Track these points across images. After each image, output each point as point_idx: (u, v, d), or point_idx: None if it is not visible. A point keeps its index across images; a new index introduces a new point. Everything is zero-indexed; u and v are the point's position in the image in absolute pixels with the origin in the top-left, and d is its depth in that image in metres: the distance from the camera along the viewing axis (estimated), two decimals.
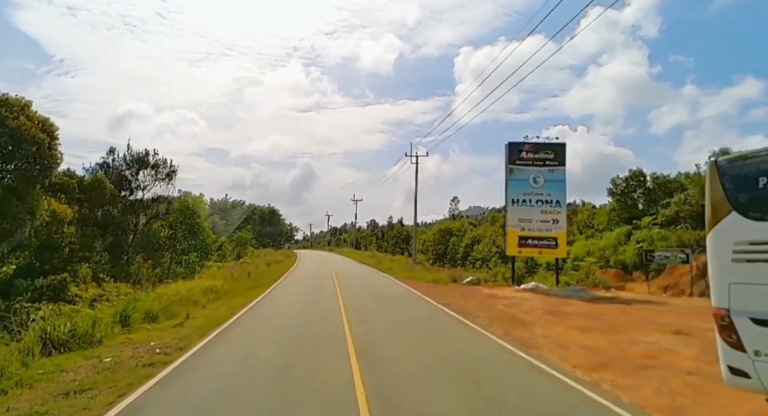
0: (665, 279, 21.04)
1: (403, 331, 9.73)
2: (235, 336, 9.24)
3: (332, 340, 8.61)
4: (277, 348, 8.03)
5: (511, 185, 21.23)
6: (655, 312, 12.95)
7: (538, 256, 22.31)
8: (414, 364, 6.98)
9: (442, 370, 6.69)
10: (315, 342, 8.54)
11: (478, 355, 7.77)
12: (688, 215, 24.00)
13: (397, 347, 8.13)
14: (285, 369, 6.71)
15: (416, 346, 8.22)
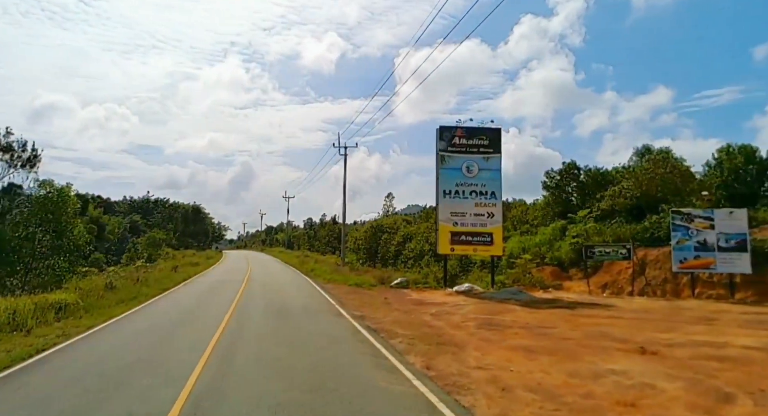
0: (603, 277, 19.63)
1: (282, 374, 6.72)
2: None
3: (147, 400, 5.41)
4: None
5: (443, 175, 18.88)
6: (604, 319, 10.93)
7: (473, 254, 20.15)
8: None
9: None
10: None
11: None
12: (623, 209, 22.99)
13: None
14: None
15: (284, 404, 5.24)
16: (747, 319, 10.50)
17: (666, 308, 12.46)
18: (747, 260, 14.16)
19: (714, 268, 14.63)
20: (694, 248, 14.87)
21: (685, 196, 20.87)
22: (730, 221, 14.50)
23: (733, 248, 14.35)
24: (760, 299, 14.37)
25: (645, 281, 17.57)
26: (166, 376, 6.24)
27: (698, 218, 14.94)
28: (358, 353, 7.62)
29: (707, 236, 14.74)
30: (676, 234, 15.23)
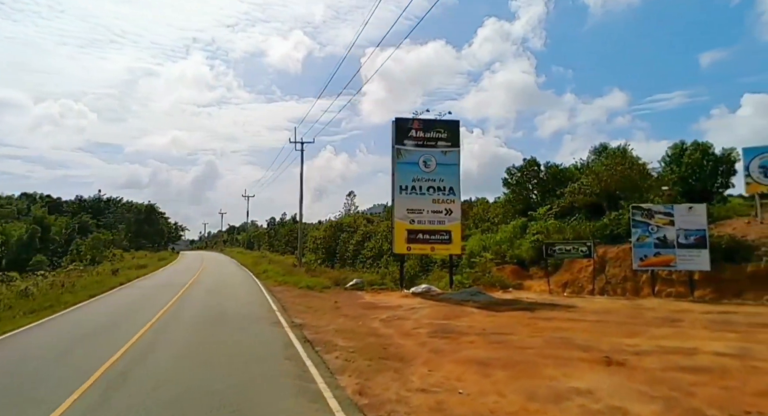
0: (563, 275, 19.10)
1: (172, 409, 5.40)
2: None
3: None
4: None
5: (399, 170, 17.81)
6: (565, 323, 10.12)
7: (431, 253, 19.19)
8: None
9: None
10: None
11: None
12: (582, 205, 22.67)
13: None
14: None
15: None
16: (710, 319, 9.93)
17: (628, 309, 11.84)
18: (706, 256, 13.80)
19: (674, 265, 14.22)
20: (654, 245, 14.43)
21: (643, 192, 20.69)
22: (689, 217, 14.12)
23: (693, 244, 13.97)
24: (718, 296, 14.05)
25: (605, 280, 17.11)
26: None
27: (658, 213, 14.51)
28: (282, 375, 6.36)
29: (667, 232, 14.31)
30: (636, 231, 14.76)
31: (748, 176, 15.26)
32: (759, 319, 9.63)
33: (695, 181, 21.36)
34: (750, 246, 14.41)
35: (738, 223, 16.08)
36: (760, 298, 13.41)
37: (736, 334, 8.32)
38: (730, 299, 13.86)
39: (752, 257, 14.11)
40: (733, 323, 9.37)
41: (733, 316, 10.10)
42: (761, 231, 14.77)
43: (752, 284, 13.79)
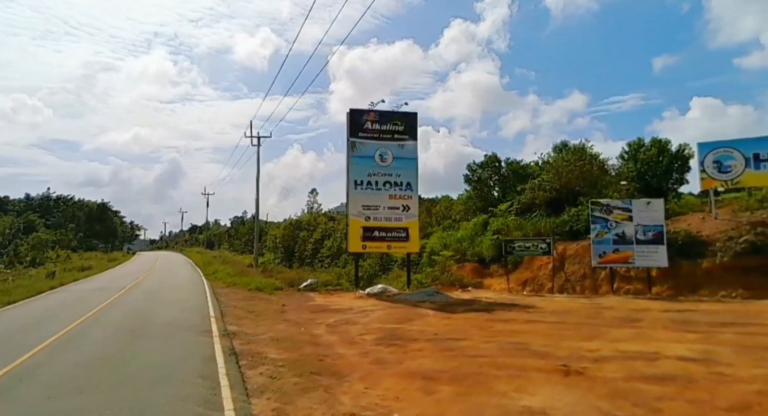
0: (523, 273, 18.67)
1: None
2: None
3: None
4: None
5: (354, 164, 16.87)
6: (523, 325, 9.47)
7: (387, 251, 18.36)
8: None
9: None
10: None
11: None
12: (543, 202, 22.39)
13: None
14: None
15: None
16: (670, 318, 9.51)
17: (587, 308, 11.35)
18: (663, 253, 13.56)
19: (632, 262, 13.93)
20: (613, 242, 14.11)
21: (602, 188, 20.57)
22: (647, 212, 13.86)
23: (651, 240, 13.72)
24: (674, 293, 13.86)
25: (565, 277, 16.75)
26: None
27: (617, 209, 14.19)
28: (185, 399, 5.28)
29: (626, 228, 14.02)
30: (595, 227, 14.40)
31: (703, 172, 15.18)
32: (717, 317, 9.26)
33: (651, 177, 21.47)
34: (705, 242, 14.29)
35: (693, 219, 16.03)
36: (716, 294, 13.27)
37: (697, 335, 7.85)
38: (686, 295, 13.68)
39: (707, 252, 13.99)
40: (692, 322, 8.94)
41: (692, 315, 9.72)
42: (715, 227, 14.70)
43: (707, 280, 13.66)
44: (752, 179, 14.47)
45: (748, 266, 13.15)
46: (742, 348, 6.82)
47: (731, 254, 13.54)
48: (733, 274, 13.33)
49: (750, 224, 14.10)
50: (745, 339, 7.37)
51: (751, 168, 14.43)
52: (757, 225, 13.89)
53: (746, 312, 9.67)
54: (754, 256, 13.13)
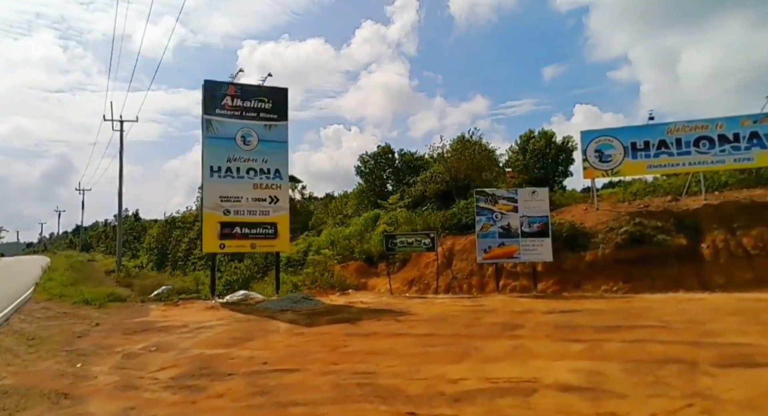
0: (411, 271, 17.11)
1: None
2: None
3: None
4: None
5: (210, 146, 13.94)
6: (387, 341, 7.51)
7: (251, 250, 15.66)
8: None
9: None
10: None
11: None
12: (433, 194, 21.16)
13: None
14: None
15: None
16: (554, 322, 8.17)
17: (467, 312, 9.78)
18: (548, 246, 12.62)
19: (517, 256, 12.83)
20: (499, 235, 12.90)
21: (492, 179, 19.82)
22: (532, 202, 12.83)
23: (536, 232, 12.70)
24: (559, 288, 13.03)
25: (451, 275, 15.40)
26: None
27: (502, 199, 13.00)
28: None
29: (511, 219, 12.88)
30: (480, 219, 13.10)
31: (585, 161, 14.66)
32: (602, 319, 8.08)
33: (539, 169, 21.31)
34: (587, 234, 13.68)
35: (576, 210, 15.55)
36: (598, 288, 12.60)
37: (583, 345, 6.43)
38: (570, 291, 12.89)
39: (590, 245, 13.36)
40: (577, 327, 7.63)
41: (576, 316, 8.48)
42: (597, 218, 14.20)
43: (590, 273, 12.99)
44: (630, 168, 14.18)
45: (627, 258, 12.66)
46: (633, 365, 5.42)
47: (612, 246, 13.00)
48: (614, 266, 12.78)
49: (629, 214, 13.73)
50: (634, 350, 6.05)
51: (629, 157, 14.11)
52: (636, 216, 13.54)
53: (629, 311, 8.66)
54: (633, 247, 12.67)
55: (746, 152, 12.95)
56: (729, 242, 11.89)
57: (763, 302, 8.71)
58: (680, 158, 13.56)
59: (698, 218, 12.91)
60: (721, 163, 13.26)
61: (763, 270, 11.10)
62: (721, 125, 13.18)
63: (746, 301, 8.92)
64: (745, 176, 17.51)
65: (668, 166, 13.73)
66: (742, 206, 12.70)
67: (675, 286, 11.68)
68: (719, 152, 13.17)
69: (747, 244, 11.68)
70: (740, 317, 7.39)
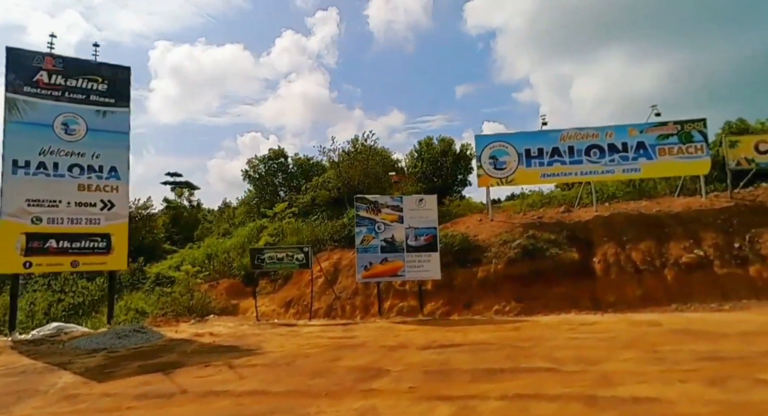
0: (291, 290, 14.87)
1: None
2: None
3: None
4: None
5: (14, 134, 10.62)
6: (182, 412, 5.21)
7: (72, 269, 12.37)
8: None
9: None
10: None
11: None
12: (325, 203, 19.14)
13: None
14: None
15: None
16: (425, 365, 6.42)
17: (328, 349, 7.75)
18: (436, 262, 11.11)
19: (402, 274, 11.14)
20: (381, 249, 11.15)
21: (387, 187, 18.26)
22: (420, 211, 11.28)
23: (423, 246, 11.14)
24: (449, 310, 11.57)
25: (334, 295, 13.38)
26: None
27: (386, 207, 11.28)
28: None
29: (395, 231, 11.20)
30: (360, 230, 11.27)
31: (480, 168, 13.53)
32: (483, 358, 6.50)
33: (438, 177, 20.23)
34: (480, 247, 12.46)
35: (471, 220, 14.40)
36: (490, 309, 11.31)
37: (450, 407, 4.69)
38: (461, 312, 11.48)
39: (482, 259, 12.12)
40: (451, 372, 5.93)
41: (455, 354, 6.82)
42: (491, 230, 13.08)
43: (482, 291, 11.70)
44: (524, 176, 13.26)
45: (520, 274, 11.56)
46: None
47: (505, 260, 11.84)
48: (506, 283, 11.60)
49: (523, 226, 12.75)
50: (515, 414, 4.39)
51: (523, 165, 13.20)
52: (529, 228, 12.58)
53: (518, 344, 7.21)
54: (526, 262, 11.60)
55: (634, 162, 12.58)
56: (619, 256, 11.23)
57: (654, 326, 7.74)
58: (573, 166, 12.90)
59: (590, 230, 12.23)
60: (611, 173, 12.78)
61: (651, 287, 10.49)
62: (610, 134, 12.72)
63: (639, 325, 7.92)
64: (630, 190, 17.77)
65: (561, 175, 13.01)
66: (631, 218, 12.23)
67: (568, 305, 10.71)
68: (609, 161, 12.68)
69: (636, 258, 11.08)
70: (637, 351, 6.18)
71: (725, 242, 10.90)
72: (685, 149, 12.32)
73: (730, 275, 10.25)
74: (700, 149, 12.28)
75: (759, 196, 12.31)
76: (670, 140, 12.40)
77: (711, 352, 5.83)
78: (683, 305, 9.70)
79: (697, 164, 12.35)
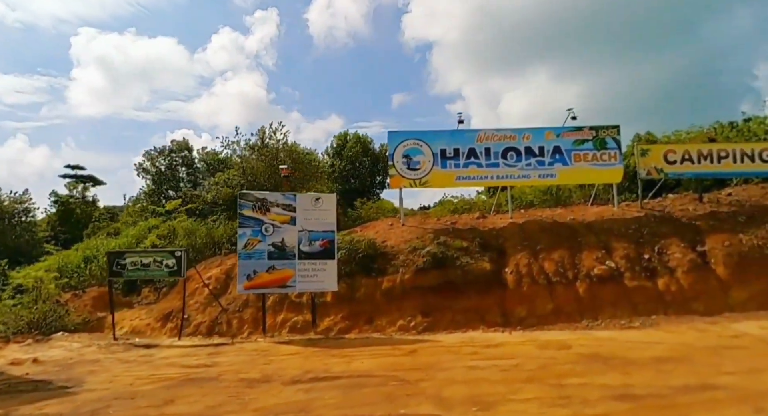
0: (173, 300, 12.71)
1: None
2: None
3: None
4: None
5: None
6: None
7: None
8: None
9: None
10: None
11: None
12: (226, 201, 17.09)
13: None
14: None
15: None
16: (280, 413, 4.91)
17: (162, 392, 5.99)
18: (333, 270, 9.67)
19: (292, 285, 9.56)
20: (269, 255, 9.50)
21: (297, 186, 16.58)
22: (316, 212, 9.78)
23: (318, 253, 9.64)
24: (349, 325, 10.16)
25: (221, 307, 11.48)
26: None
27: (276, 206, 9.66)
28: None
29: (286, 234, 9.60)
30: (244, 232, 9.56)
31: (393, 167, 12.32)
32: (358, 400, 5.13)
33: (355, 178, 18.91)
34: (388, 254, 11.19)
35: (382, 225, 13.14)
36: (394, 324, 10.05)
37: None
38: (361, 327, 10.12)
39: (389, 268, 10.86)
40: None
41: (326, 390, 5.39)
42: (402, 236, 11.87)
43: (387, 303, 10.40)
44: (438, 178, 12.23)
45: (428, 285, 10.41)
46: None
47: (413, 269, 10.65)
48: (413, 295, 10.39)
49: (434, 232, 11.67)
50: None
51: (438, 166, 12.16)
52: (441, 234, 11.52)
53: (408, 372, 5.94)
54: (435, 272, 10.49)
55: (550, 167, 11.97)
56: (532, 266, 10.45)
57: (563, 350, 6.84)
58: (489, 169, 12.06)
59: (503, 238, 11.40)
60: (527, 178, 12.10)
61: (563, 300, 9.77)
62: (527, 136, 12.04)
63: (547, 348, 6.98)
64: (547, 198, 17.51)
65: (476, 178, 12.13)
66: (545, 226, 11.58)
67: (477, 320, 9.71)
68: (526, 165, 11.99)
69: (549, 269, 10.35)
70: (540, 386, 5.12)
71: (635, 254, 10.48)
72: (600, 156, 11.92)
73: (640, 288, 9.77)
74: (614, 156, 11.93)
75: (667, 206, 12.17)
76: (585, 146, 11.94)
77: (623, 388, 4.86)
78: (594, 322, 9.01)
79: (611, 172, 12.00)
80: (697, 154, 12.02)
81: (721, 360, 5.66)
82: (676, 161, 12.00)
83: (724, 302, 9.44)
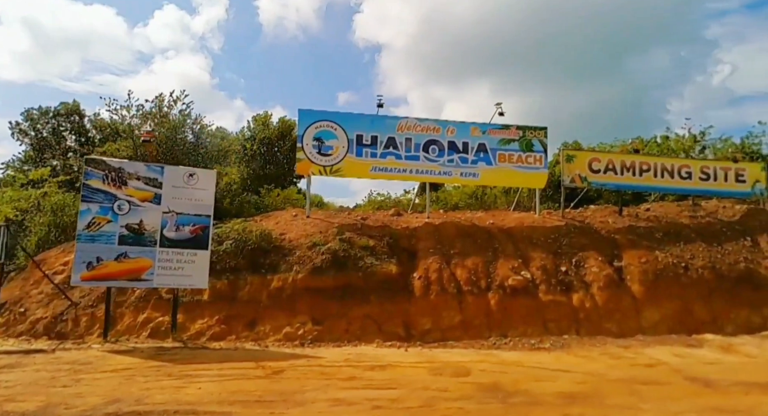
0: (12, 289, 10.32)
1: None
2: None
3: None
4: None
5: None
6: None
7: None
8: None
9: None
10: None
11: None
12: None
13: None
14: None
15: None
16: None
17: None
18: (204, 264, 7.93)
19: (148, 278, 7.68)
20: (120, 239, 7.56)
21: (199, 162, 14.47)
22: (188, 190, 7.97)
23: (187, 240, 7.85)
24: (225, 329, 8.46)
25: (70, 301, 9.29)
26: None
27: (135, 178, 7.73)
28: None
29: (146, 215, 7.71)
30: (88, 208, 7.55)
31: (301, 150, 10.75)
32: None
33: (272, 164, 17.05)
34: (284, 249, 9.61)
35: (285, 216, 11.51)
36: (279, 330, 8.55)
37: None
38: (240, 333, 8.48)
39: (282, 265, 9.29)
40: None
41: None
42: (304, 229, 10.33)
43: (274, 306, 8.83)
44: (352, 167, 10.83)
45: (324, 287, 8.97)
46: None
47: (309, 268, 9.16)
48: (306, 297, 8.91)
49: (341, 226, 10.25)
50: None
51: (352, 153, 10.76)
52: (347, 230, 10.12)
53: (252, 407, 4.41)
54: (333, 272, 9.07)
55: (473, 166, 10.98)
56: (443, 273, 9.34)
57: (459, 377, 5.69)
58: (408, 162, 10.84)
59: (416, 238, 10.22)
60: (448, 175, 11.02)
61: (472, 313, 8.73)
62: (452, 130, 10.97)
63: (441, 374, 5.79)
64: (472, 201, 16.72)
65: (393, 170, 10.85)
66: (462, 229, 10.55)
67: (374, 331, 8.42)
68: (448, 161, 10.91)
69: (461, 277, 9.29)
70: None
71: (553, 265, 9.72)
72: (525, 158, 11.09)
73: (554, 303, 8.97)
74: (539, 160, 11.17)
75: (587, 217, 11.64)
76: (511, 146, 11.08)
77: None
78: (502, 339, 8.02)
79: (535, 176, 11.23)
80: (620, 164, 11.60)
81: (637, 400, 4.71)
82: (600, 170, 11.50)
83: (637, 323, 8.87)
